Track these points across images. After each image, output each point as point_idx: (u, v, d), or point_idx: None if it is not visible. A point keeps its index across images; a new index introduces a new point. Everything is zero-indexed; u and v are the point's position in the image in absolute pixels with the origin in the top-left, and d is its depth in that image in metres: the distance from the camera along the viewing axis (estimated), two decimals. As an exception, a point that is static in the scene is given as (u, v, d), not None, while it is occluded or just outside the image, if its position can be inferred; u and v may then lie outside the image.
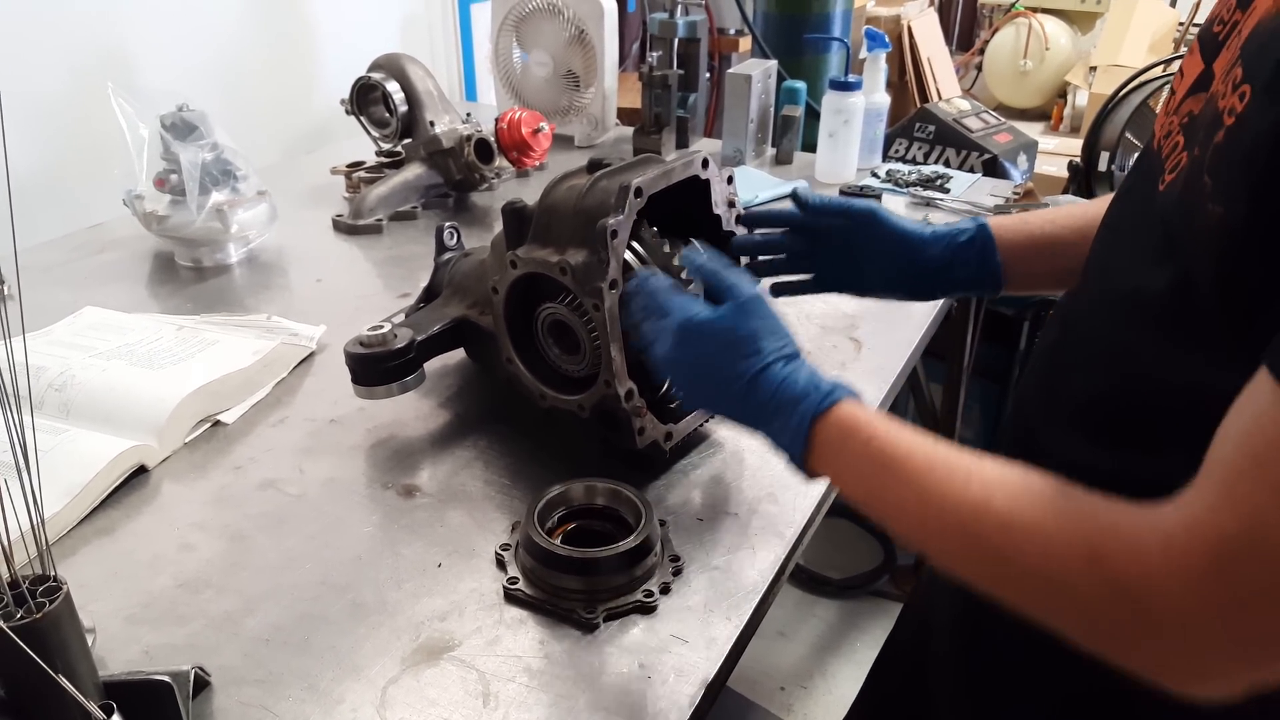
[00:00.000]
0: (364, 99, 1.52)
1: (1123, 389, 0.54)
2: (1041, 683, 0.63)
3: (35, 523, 0.50)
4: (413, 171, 1.45)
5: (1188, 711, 0.57)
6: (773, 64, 1.67)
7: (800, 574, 1.98)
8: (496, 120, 1.49)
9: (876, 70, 1.54)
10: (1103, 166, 1.93)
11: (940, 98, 2.67)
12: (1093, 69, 2.86)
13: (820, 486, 0.82)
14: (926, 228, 0.77)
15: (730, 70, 1.63)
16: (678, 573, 0.71)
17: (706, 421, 0.87)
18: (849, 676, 1.79)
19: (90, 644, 0.57)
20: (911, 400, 1.83)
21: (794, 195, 0.79)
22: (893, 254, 0.77)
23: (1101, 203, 0.73)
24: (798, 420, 0.58)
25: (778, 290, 0.84)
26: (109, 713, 0.52)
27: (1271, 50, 0.43)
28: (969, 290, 0.78)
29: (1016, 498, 0.48)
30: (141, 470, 0.83)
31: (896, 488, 0.53)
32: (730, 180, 0.82)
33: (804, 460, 0.58)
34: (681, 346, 0.65)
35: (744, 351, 0.61)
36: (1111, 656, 0.46)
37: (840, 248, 0.79)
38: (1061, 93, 3.11)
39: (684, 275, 0.78)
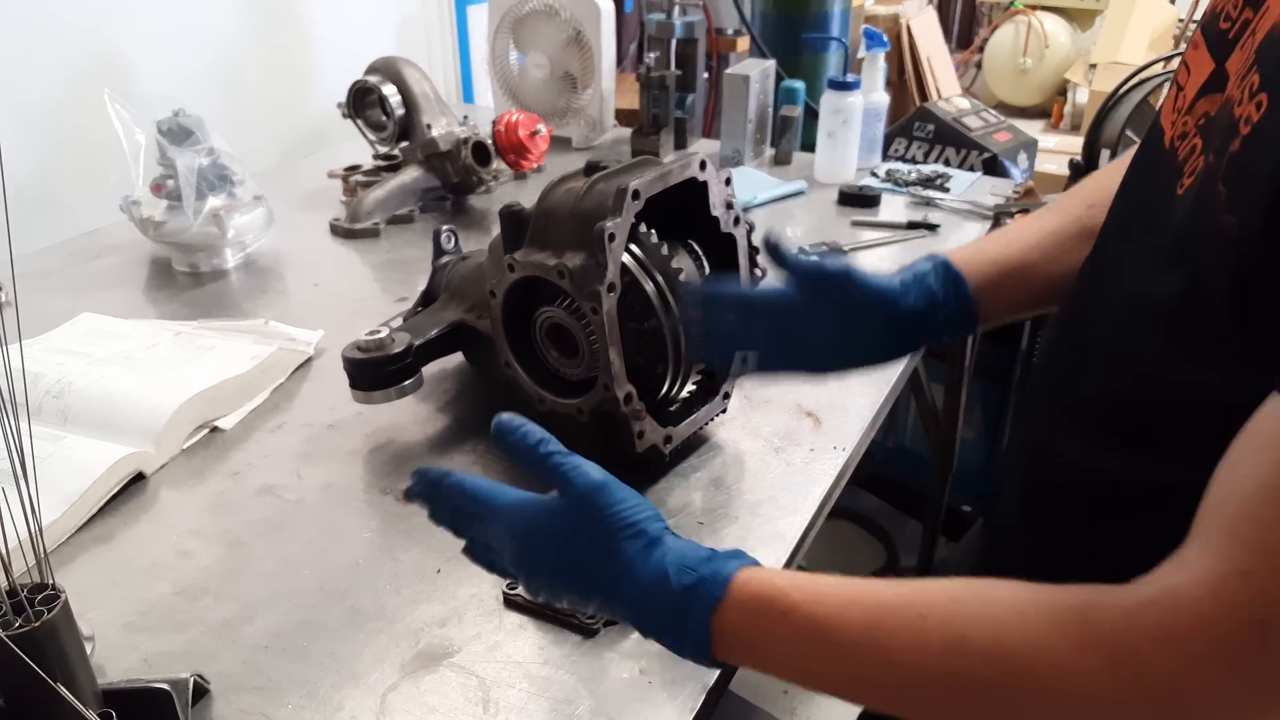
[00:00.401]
0: (360, 102, 1.52)
1: (1130, 392, 0.53)
2: None
3: (33, 531, 0.50)
4: (410, 175, 1.45)
5: None
6: (771, 64, 1.66)
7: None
8: (494, 122, 1.49)
9: (875, 69, 1.54)
10: (1103, 164, 1.93)
11: (940, 96, 2.67)
12: (1093, 66, 2.86)
13: (824, 486, 0.82)
14: (894, 279, 0.69)
15: (728, 70, 1.63)
16: (678, 576, 0.71)
17: (707, 424, 0.86)
18: (852, 677, 1.78)
19: (89, 652, 0.57)
20: (913, 401, 1.83)
21: (767, 244, 0.69)
22: (869, 317, 0.68)
23: (1050, 215, 0.70)
24: (694, 624, 0.48)
25: (737, 373, 0.77)
26: (106, 722, 0.52)
27: None
28: (946, 332, 0.70)
29: (994, 622, 0.42)
30: (139, 477, 0.83)
31: (846, 661, 0.45)
32: (728, 181, 0.82)
33: (714, 660, 0.49)
34: (527, 556, 0.53)
35: (596, 557, 0.51)
36: None
37: (807, 321, 0.69)
38: (1062, 90, 3.11)
39: (682, 278, 0.78)
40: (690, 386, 0.83)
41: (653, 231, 0.79)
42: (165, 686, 0.57)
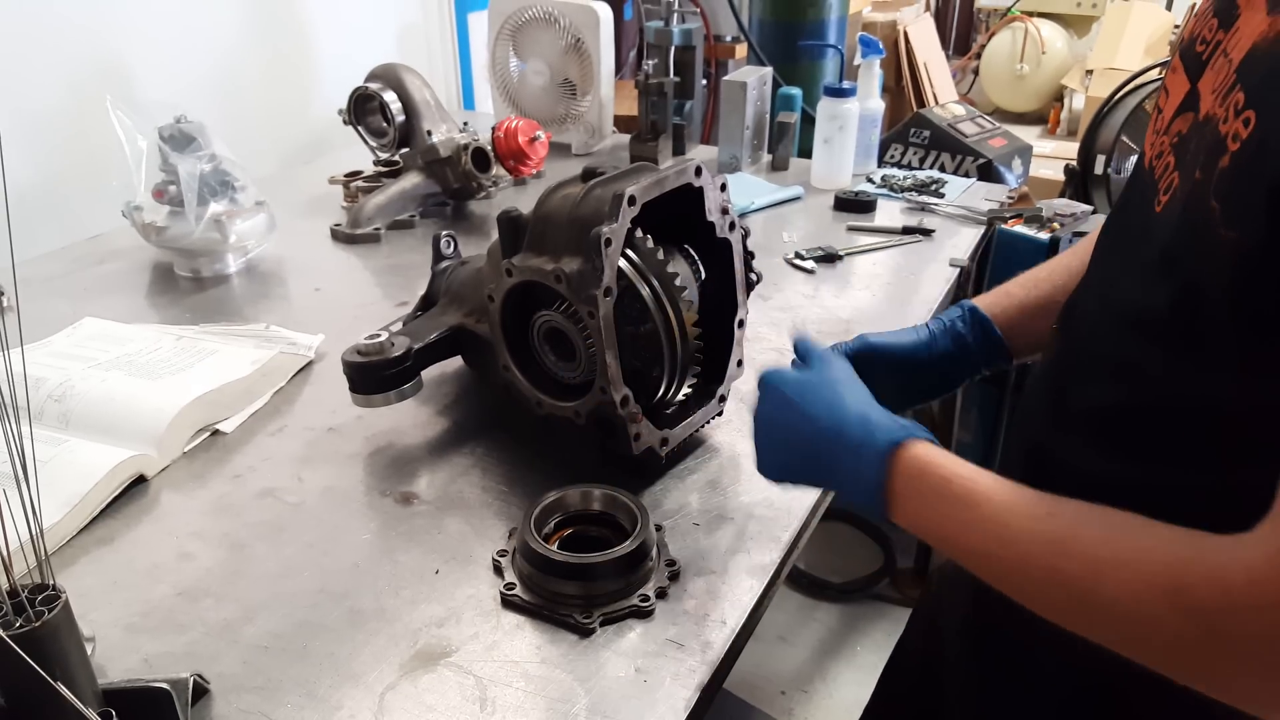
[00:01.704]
0: (361, 109, 1.53)
1: (1132, 402, 0.54)
2: (1050, 682, 0.64)
3: (34, 532, 0.51)
4: (410, 180, 1.46)
5: (1194, 712, 0.58)
6: (768, 71, 1.68)
7: (800, 578, 1.98)
8: (493, 129, 1.50)
9: (871, 76, 1.55)
10: (1099, 170, 1.94)
11: (937, 102, 2.68)
12: (1089, 72, 2.87)
13: (816, 491, 0.82)
14: (922, 331, 0.76)
15: (726, 77, 1.64)
16: (674, 577, 0.72)
17: (703, 426, 0.87)
18: (850, 680, 1.79)
19: (90, 652, 0.58)
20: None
21: (796, 347, 0.75)
22: (901, 368, 0.74)
23: (1074, 253, 0.73)
24: (871, 459, 0.57)
25: None
26: (108, 720, 0.53)
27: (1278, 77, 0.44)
28: (983, 369, 0.76)
29: (1101, 533, 0.48)
30: (140, 480, 0.84)
31: (978, 527, 0.52)
32: (723, 187, 0.83)
33: (880, 501, 0.57)
34: (765, 401, 0.66)
35: (818, 397, 0.62)
36: (1200, 688, 0.46)
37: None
38: (1058, 96, 3.12)
39: (678, 283, 0.79)
40: (686, 389, 0.84)
41: (649, 237, 0.80)
42: (165, 686, 0.58)
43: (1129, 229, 0.58)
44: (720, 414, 0.88)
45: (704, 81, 2.04)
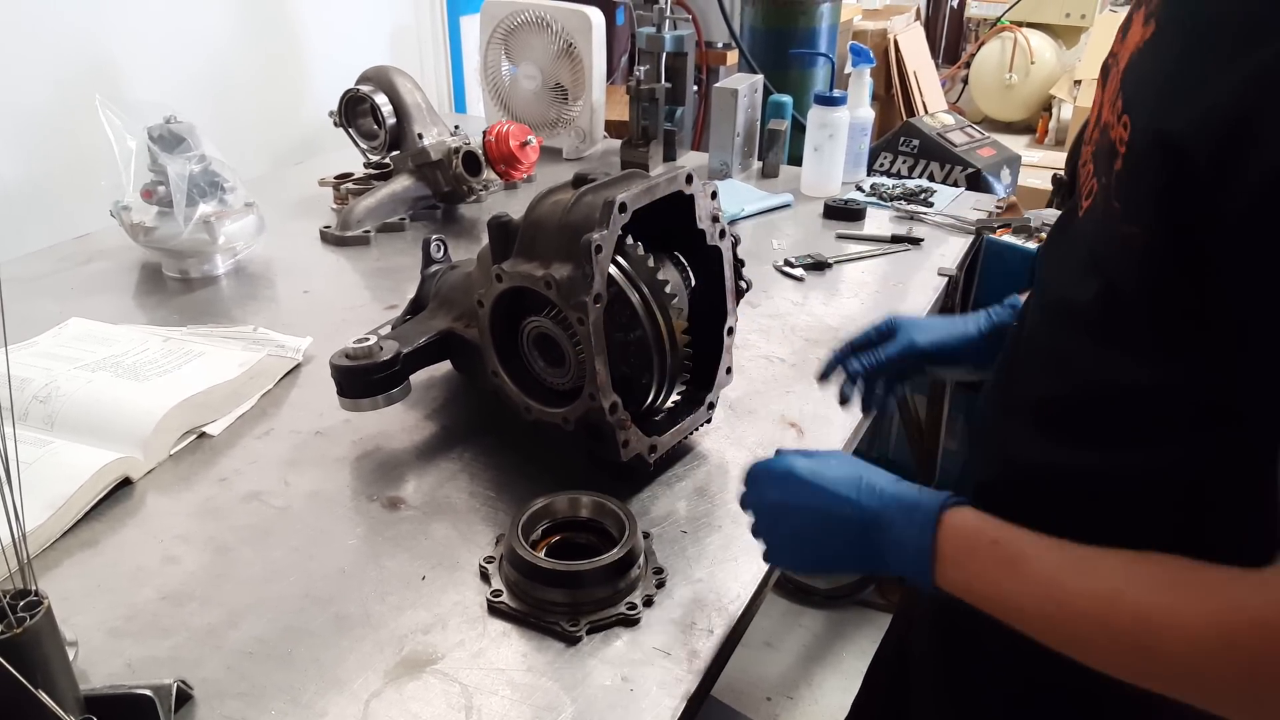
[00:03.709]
0: (352, 111, 1.52)
1: (1066, 390, 0.58)
2: (1015, 673, 0.65)
3: (17, 536, 0.51)
4: (401, 183, 1.46)
5: (1153, 706, 0.59)
6: (759, 78, 1.68)
7: (786, 584, 1.98)
8: (484, 133, 1.50)
9: (861, 85, 1.56)
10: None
11: (926, 111, 2.70)
12: (1077, 82, 2.90)
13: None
14: (970, 327, 0.81)
15: (717, 84, 1.65)
16: (661, 585, 0.72)
17: (692, 433, 0.87)
18: (835, 686, 1.79)
19: (72, 657, 0.57)
20: (896, 411, 1.84)
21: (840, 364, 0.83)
22: (936, 361, 0.80)
23: None
24: (919, 529, 0.56)
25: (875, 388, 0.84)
26: (89, 727, 0.52)
27: (1146, 83, 0.48)
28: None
29: (1147, 587, 0.49)
30: (126, 482, 0.83)
31: (1029, 588, 0.52)
32: (714, 195, 0.83)
33: (927, 569, 0.56)
34: (775, 488, 0.63)
35: (841, 477, 0.60)
36: None
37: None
38: (1046, 106, 3.14)
39: (668, 290, 0.79)
40: (675, 397, 0.84)
41: (639, 244, 0.80)
42: (148, 692, 0.57)
43: (1065, 232, 0.63)
44: (709, 421, 0.89)
45: (695, 88, 2.05)
